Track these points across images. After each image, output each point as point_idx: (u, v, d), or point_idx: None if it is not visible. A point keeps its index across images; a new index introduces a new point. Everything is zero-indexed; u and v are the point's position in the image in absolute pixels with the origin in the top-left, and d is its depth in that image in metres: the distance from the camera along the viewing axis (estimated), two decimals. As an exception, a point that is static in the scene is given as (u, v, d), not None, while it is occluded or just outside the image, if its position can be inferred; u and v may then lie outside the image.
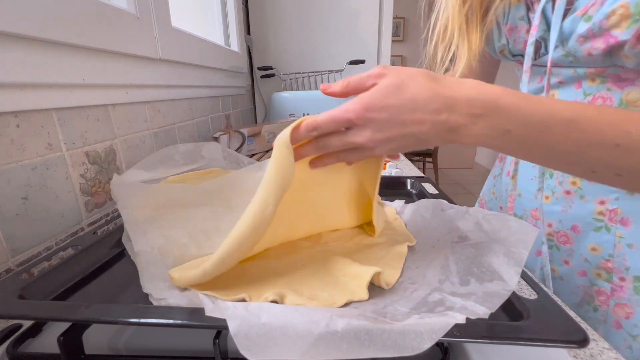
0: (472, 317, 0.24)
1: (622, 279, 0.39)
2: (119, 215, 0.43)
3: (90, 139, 0.51)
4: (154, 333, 0.30)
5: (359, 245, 0.38)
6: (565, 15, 0.34)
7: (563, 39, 0.35)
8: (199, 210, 0.42)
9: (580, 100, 0.38)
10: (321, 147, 0.29)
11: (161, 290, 0.29)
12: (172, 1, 0.72)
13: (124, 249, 0.38)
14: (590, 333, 0.30)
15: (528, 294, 0.28)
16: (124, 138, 0.59)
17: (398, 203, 0.48)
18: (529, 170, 0.47)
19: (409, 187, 0.61)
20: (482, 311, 0.24)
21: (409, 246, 0.36)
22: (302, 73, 1.35)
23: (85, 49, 0.48)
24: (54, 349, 0.25)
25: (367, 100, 0.27)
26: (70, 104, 0.47)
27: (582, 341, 0.22)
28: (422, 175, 0.67)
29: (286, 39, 1.37)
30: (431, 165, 3.37)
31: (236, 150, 0.89)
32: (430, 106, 0.25)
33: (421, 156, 3.46)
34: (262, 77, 1.38)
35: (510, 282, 0.27)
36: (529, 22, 0.39)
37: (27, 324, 0.29)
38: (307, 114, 1.34)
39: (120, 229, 0.41)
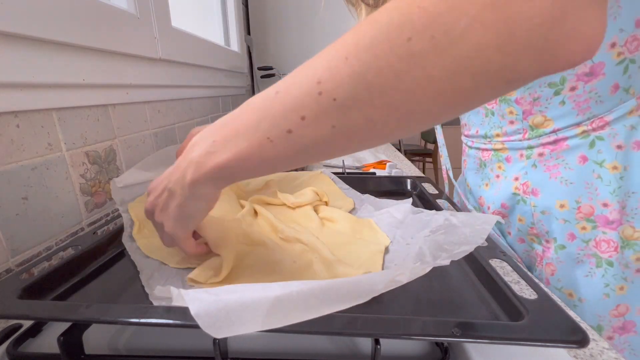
0: (429, 268, 0.23)
1: (547, 241, 0.45)
2: (119, 215, 0.43)
3: (90, 139, 0.51)
4: (154, 333, 0.30)
5: (335, 242, 0.39)
6: None
7: None
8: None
9: None
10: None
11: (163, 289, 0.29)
12: (172, 1, 0.72)
13: (124, 249, 0.38)
14: (590, 333, 0.30)
15: (528, 294, 0.28)
16: (124, 138, 0.59)
17: (405, 205, 0.47)
18: (471, 165, 0.56)
19: (409, 187, 0.61)
20: (445, 262, 0.25)
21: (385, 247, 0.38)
22: (302, 73, 1.35)
23: (85, 49, 0.48)
24: (54, 349, 0.25)
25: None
26: (70, 104, 0.47)
27: (582, 341, 0.22)
28: (422, 175, 0.67)
29: (286, 39, 1.37)
30: (431, 165, 3.37)
31: (236, 150, 0.89)
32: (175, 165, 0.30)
33: (421, 156, 3.46)
34: (262, 77, 1.39)
35: (475, 244, 0.28)
36: None
37: (27, 324, 0.29)
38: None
39: (121, 229, 0.41)
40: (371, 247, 0.37)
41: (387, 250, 0.37)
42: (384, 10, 0.19)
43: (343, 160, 0.87)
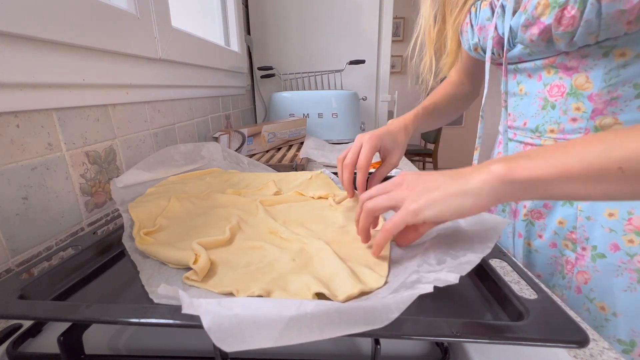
0: (442, 285, 0.24)
1: (584, 249, 0.43)
2: (119, 215, 0.43)
3: (90, 139, 0.51)
4: (154, 333, 0.30)
5: (342, 241, 0.39)
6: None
7: (515, 33, 0.42)
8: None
9: (540, 88, 0.44)
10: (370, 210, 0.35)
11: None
12: (172, 1, 0.72)
13: (124, 249, 0.38)
14: (590, 333, 0.30)
15: (528, 294, 0.28)
16: (124, 138, 0.59)
17: None
18: None
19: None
20: (453, 277, 0.25)
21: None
22: (302, 73, 1.35)
23: (85, 49, 0.48)
24: (54, 349, 0.25)
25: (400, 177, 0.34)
26: (70, 104, 0.47)
27: (582, 341, 0.22)
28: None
29: (286, 39, 1.37)
30: (431, 165, 3.37)
31: (236, 150, 0.89)
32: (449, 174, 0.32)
33: (421, 156, 3.46)
34: (262, 77, 1.38)
35: (482, 253, 0.29)
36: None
37: (27, 324, 0.29)
38: (307, 115, 1.34)
39: (121, 229, 0.41)
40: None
41: (393, 250, 0.37)
42: None
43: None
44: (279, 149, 1.03)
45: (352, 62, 1.29)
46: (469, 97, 0.67)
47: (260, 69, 1.37)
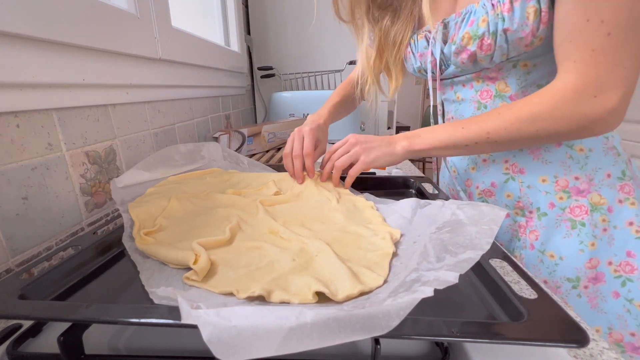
0: (441, 286, 0.24)
1: (531, 212, 0.54)
2: (119, 215, 0.43)
3: (90, 139, 0.51)
4: (154, 333, 0.30)
5: (343, 241, 0.39)
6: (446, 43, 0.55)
7: (447, 58, 0.55)
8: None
9: (473, 94, 0.56)
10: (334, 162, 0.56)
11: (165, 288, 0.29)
12: (172, 1, 0.72)
13: (124, 249, 0.38)
14: (590, 333, 0.30)
15: (528, 294, 0.28)
16: (124, 138, 0.59)
17: (410, 202, 0.47)
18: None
19: (409, 187, 0.61)
20: (452, 276, 0.25)
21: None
22: (302, 73, 1.35)
23: (85, 49, 0.48)
24: (54, 349, 0.25)
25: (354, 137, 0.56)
26: (70, 104, 0.47)
27: (582, 341, 0.22)
28: (422, 175, 0.67)
29: (286, 39, 1.37)
30: (431, 165, 3.37)
31: (236, 150, 0.89)
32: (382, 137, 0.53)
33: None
34: (262, 77, 1.38)
35: (481, 249, 0.29)
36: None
37: (27, 324, 0.29)
38: (307, 114, 1.34)
39: (121, 229, 0.41)
40: (378, 247, 0.37)
41: (396, 247, 0.37)
42: (529, 105, 0.44)
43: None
44: (279, 149, 1.03)
45: (352, 62, 1.29)
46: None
47: (260, 69, 1.37)
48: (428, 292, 0.23)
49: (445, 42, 0.54)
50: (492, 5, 0.47)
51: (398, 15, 0.62)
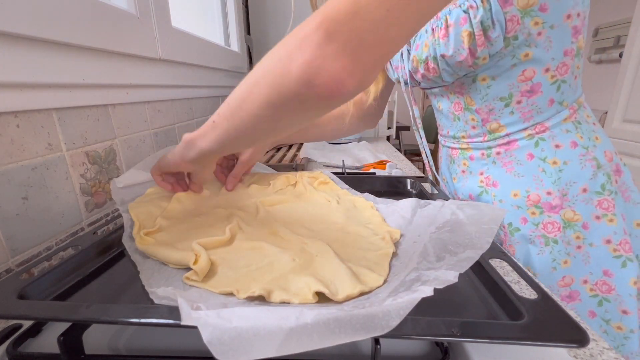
0: (441, 286, 0.24)
1: (503, 227, 0.53)
2: (119, 215, 0.43)
3: (90, 139, 0.51)
4: (154, 333, 0.30)
5: (343, 241, 0.39)
6: None
7: (412, 74, 0.55)
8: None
9: (448, 105, 0.56)
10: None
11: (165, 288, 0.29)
12: (172, 1, 0.72)
13: (124, 249, 0.38)
14: (590, 333, 0.30)
15: (528, 294, 0.28)
16: (124, 138, 0.59)
17: (410, 202, 0.47)
18: (444, 161, 0.65)
19: (409, 187, 0.61)
20: (452, 275, 0.25)
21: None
22: (302, 73, 1.35)
23: (85, 49, 0.48)
24: (54, 349, 0.25)
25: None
26: (70, 104, 0.47)
27: (582, 341, 0.22)
28: (422, 175, 0.67)
29: (286, 39, 1.37)
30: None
31: (236, 150, 0.89)
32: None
33: (421, 156, 3.45)
34: (262, 77, 1.38)
35: (481, 249, 0.29)
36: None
37: (27, 324, 0.29)
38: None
39: (121, 229, 0.41)
40: (378, 247, 0.37)
41: (396, 247, 0.37)
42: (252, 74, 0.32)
43: (343, 161, 0.87)
44: (279, 149, 1.03)
45: (352, 62, 1.29)
46: (372, 116, 0.76)
47: (260, 69, 1.37)
48: (428, 291, 0.23)
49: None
50: (432, 29, 0.47)
51: None
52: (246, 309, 0.22)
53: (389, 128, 1.52)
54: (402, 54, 0.56)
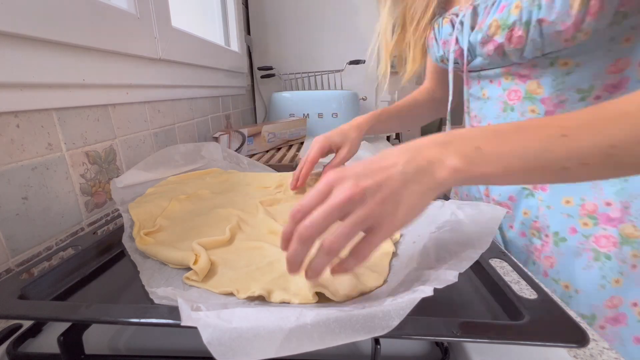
0: (441, 286, 0.24)
1: (547, 235, 0.47)
2: (119, 215, 0.43)
3: (90, 139, 0.51)
4: (154, 333, 0.30)
5: None
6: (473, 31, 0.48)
7: (474, 47, 0.47)
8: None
9: (500, 92, 0.49)
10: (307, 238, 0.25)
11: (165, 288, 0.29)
12: (172, 1, 0.72)
13: (124, 249, 0.38)
14: (590, 333, 0.30)
15: (528, 294, 0.28)
16: (124, 138, 0.59)
17: None
18: None
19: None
20: (452, 275, 0.25)
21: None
22: (302, 73, 1.35)
23: (85, 49, 0.48)
24: (54, 349, 0.25)
25: (337, 172, 0.27)
26: (70, 104, 0.47)
27: (582, 341, 0.22)
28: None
29: (286, 39, 1.37)
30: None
31: (236, 151, 0.89)
32: (398, 151, 0.27)
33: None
34: (262, 77, 1.39)
35: (481, 248, 0.29)
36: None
37: (27, 324, 0.29)
38: (307, 115, 1.34)
39: (121, 229, 0.41)
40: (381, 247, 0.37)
41: (395, 247, 0.37)
42: None
43: (343, 160, 0.87)
44: (279, 149, 1.03)
45: (352, 62, 1.29)
46: (441, 103, 0.69)
47: (260, 69, 1.37)
48: (428, 291, 0.23)
49: (473, 28, 0.47)
50: None
51: None
52: (246, 310, 0.22)
53: (389, 128, 1.52)
54: (453, 25, 0.50)
